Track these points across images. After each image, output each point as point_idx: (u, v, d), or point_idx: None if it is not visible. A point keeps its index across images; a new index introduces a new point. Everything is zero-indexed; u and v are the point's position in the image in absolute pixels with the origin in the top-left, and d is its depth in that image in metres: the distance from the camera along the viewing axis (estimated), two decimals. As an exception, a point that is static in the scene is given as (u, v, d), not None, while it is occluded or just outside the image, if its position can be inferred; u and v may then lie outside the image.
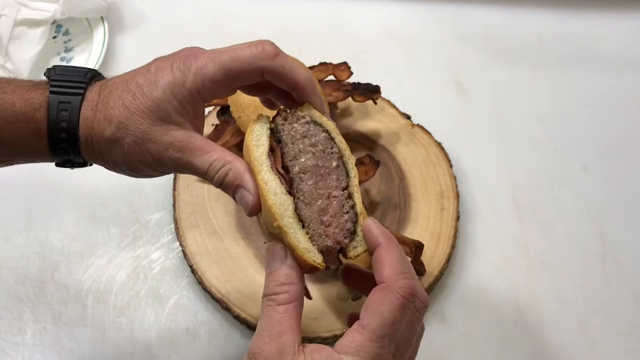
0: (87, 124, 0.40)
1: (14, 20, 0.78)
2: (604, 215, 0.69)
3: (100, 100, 0.40)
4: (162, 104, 0.39)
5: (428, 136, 0.71)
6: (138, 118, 0.39)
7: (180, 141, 0.39)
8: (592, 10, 0.89)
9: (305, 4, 0.88)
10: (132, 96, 0.39)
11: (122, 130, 0.39)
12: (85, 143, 0.40)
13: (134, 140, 0.39)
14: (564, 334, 0.61)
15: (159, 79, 0.40)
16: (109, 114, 0.39)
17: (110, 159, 0.41)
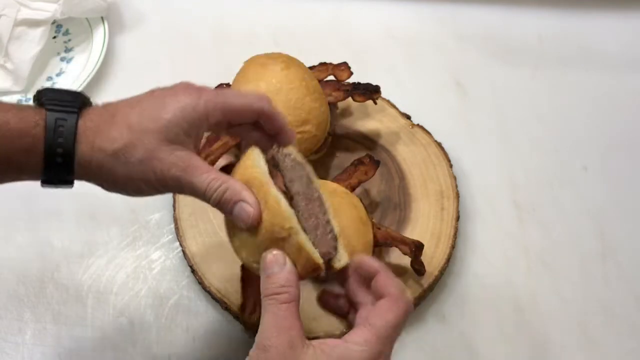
0: (88, 141, 0.41)
1: (14, 20, 0.78)
2: (604, 215, 0.69)
3: (103, 120, 0.42)
4: (171, 126, 0.41)
5: (428, 136, 0.71)
6: (146, 137, 0.41)
7: (184, 161, 0.42)
8: (592, 10, 0.89)
9: (305, 4, 0.89)
10: (139, 116, 0.41)
11: (129, 148, 0.41)
12: (82, 160, 0.41)
13: (139, 159, 0.41)
14: (564, 334, 0.61)
15: (168, 102, 0.42)
16: (114, 133, 0.41)
17: (110, 176, 0.42)
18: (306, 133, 0.63)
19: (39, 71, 0.80)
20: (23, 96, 0.78)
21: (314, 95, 0.64)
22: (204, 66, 0.82)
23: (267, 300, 0.41)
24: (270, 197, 0.42)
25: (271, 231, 0.42)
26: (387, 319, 0.40)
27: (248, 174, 0.44)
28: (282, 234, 0.42)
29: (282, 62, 0.65)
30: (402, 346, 0.60)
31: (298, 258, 0.42)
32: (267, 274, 0.41)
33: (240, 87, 0.64)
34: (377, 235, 0.58)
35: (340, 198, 0.57)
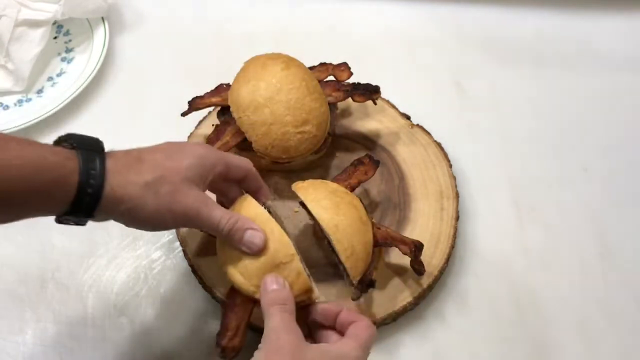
0: (119, 176, 0.46)
1: (15, 20, 0.78)
2: (604, 215, 0.69)
3: (131, 160, 0.47)
4: (191, 167, 0.49)
5: (428, 136, 0.71)
6: (171, 174, 0.48)
7: (202, 197, 0.50)
8: (592, 10, 0.89)
9: (306, 4, 0.89)
10: (165, 158, 0.49)
11: (159, 180, 0.47)
12: (111, 194, 0.45)
13: (167, 191, 0.47)
14: (564, 334, 0.61)
15: (187, 150, 0.51)
16: (145, 169, 0.47)
17: (138, 209, 0.46)
18: (306, 133, 0.63)
19: (40, 71, 0.80)
20: (24, 96, 0.78)
21: (314, 95, 0.64)
22: (204, 66, 0.82)
23: (273, 308, 0.47)
24: (276, 228, 0.51)
25: (274, 257, 0.50)
26: (368, 333, 0.47)
27: (252, 212, 0.53)
28: (286, 260, 0.50)
29: (282, 62, 0.65)
30: (402, 346, 0.60)
31: (296, 281, 0.50)
32: (272, 289, 0.49)
33: (241, 87, 0.64)
34: (376, 235, 0.58)
35: (340, 198, 0.57)
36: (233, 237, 0.50)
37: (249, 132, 0.64)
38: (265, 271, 0.50)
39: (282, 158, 0.65)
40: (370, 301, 0.59)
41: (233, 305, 0.53)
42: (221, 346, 0.51)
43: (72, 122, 0.77)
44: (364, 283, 0.56)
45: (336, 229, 0.54)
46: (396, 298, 0.60)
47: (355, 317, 0.49)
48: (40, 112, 0.75)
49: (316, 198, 0.56)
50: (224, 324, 0.52)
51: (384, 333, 0.60)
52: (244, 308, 0.52)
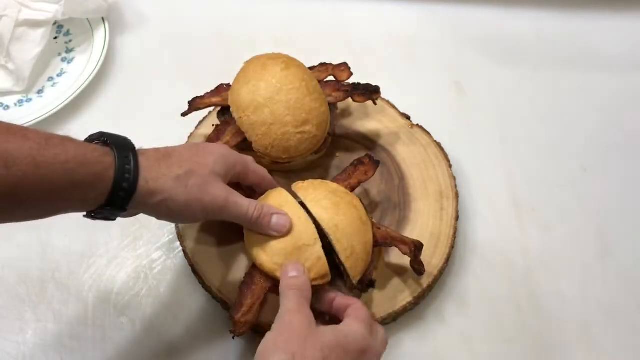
0: (152, 170, 0.49)
1: (16, 20, 0.78)
2: (604, 215, 0.69)
3: (160, 157, 0.50)
4: (217, 164, 0.53)
5: (427, 136, 0.71)
6: (200, 168, 0.51)
7: (228, 189, 0.53)
8: (592, 10, 0.89)
9: (306, 4, 0.89)
10: (192, 155, 0.52)
11: (189, 174, 0.50)
12: (144, 188, 0.48)
13: (197, 184, 0.50)
14: (564, 334, 0.61)
15: (211, 149, 0.55)
16: (175, 164, 0.50)
17: (170, 201, 0.49)
18: (306, 133, 0.64)
19: (40, 72, 0.80)
20: (24, 96, 0.78)
21: (314, 95, 0.64)
22: (204, 66, 0.82)
23: (290, 292, 0.50)
24: (302, 215, 0.55)
25: (298, 239, 0.54)
26: (365, 312, 0.50)
27: (283, 199, 0.56)
28: (309, 243, 0.54)
29: (282, 62, 0.65)
30: (402, 346, 0.60)
31: (315, 265, 0.53)
32: (291, 275, 0.51)
33: (241, 87, 0.64)
34: (376, 235, 0.58)
35: (340, 198, 0.57)
36: (261, 223, 0.53)
37: (249, 132, 0.64)
38: (289, 251, 0.54)
39: (282, 158, 0.65)
40: (370, 301, 0.59)
41: (251, 283, 0.55)
42: (234, 319, 0.53)
43: (72, 122, 0.77)
44: (364, 283, 0.56)
45: (336, 229, 0.54)
46: (396, 298, 0.60)
47: (350, 301, 0.52)
48: (41, 112, 0.75)
49: (316, 198, 0.56)
50: (240, 299, 0.54)
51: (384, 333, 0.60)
52: (261, 287, 0.55)
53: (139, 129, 0.76)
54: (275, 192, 0.58)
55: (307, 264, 0.53)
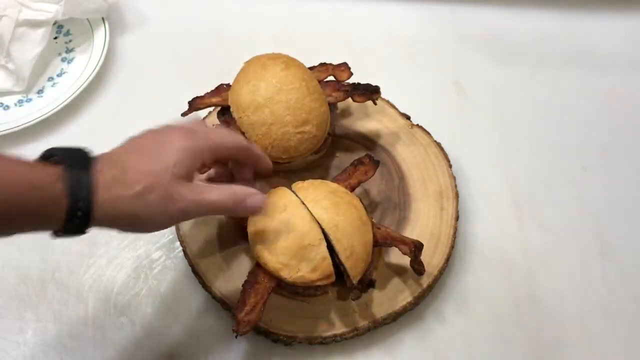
0: (107, 192, 0.45)
1: (16, 20, 0.78)
2: (604, 215, 0.69)
3: (116, 172, 0.46)
4: (178, 165, 0.48)
5: (427, 136, 0.71)
6: (159, 177, 0.47)
7: (195, 187, 0.49)
8: (592, 10, 0.89)
9: (306, 4, 0.89)
10: (149, 162, 0.47)
11: (149, 189, 0.46)
12: (101, 210, 0.45)
13: (159, 196, 0.47)
14: (564, 334, 0.61)
15: (169, 147, 0.49)
16: (132, 180, 0.46)
17: (131, 218, 0.46)
18: (306, 133, 0.64)
19: (40, 72, 0.80)
20: (24, 96, 0.79)
21: (314, 95, 0.64)
22: (204, 66, 0.82)
23: None
24: (306, 214, 0.55)
25: (303, 239, 0.53)
26: None
27: (286, 199, 0.56)
28: (314, 243, 0.53)
29: (282, 62, 0.65)
30: (402, 346, 0.60)
31: (320, 265, 0.53)
32: None
33: (241, 87, 0.64)
34: (376, 235, 0.58)
35: (340, 198, 0.57)
36: (238, 208, 0.51)
37: (249, 132, 0.64)
38: (293, 251, 0.53)
39: (282, 158, 0.65)
40: (370, 301, 0.59)
41: (254, 282, 0.55)
42: (237, 319, 0.53)
43: (72, 122, 0.77)
44: (364, 283, 0.56)
45: (336, 229, 0.54)
46: (396, 298, 0.60)
47: None
48: (41, 112, 0.75)
49: (316, 198, 0.56)
50: (243, 298, 0.54)
51: (384, 333, 0.60)
52: (264, 286, 0.55)
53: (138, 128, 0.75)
54: (279, 192, 0.58)
55: (312, 264, 0.53)
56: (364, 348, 0.59)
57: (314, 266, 0.53)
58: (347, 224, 0.55)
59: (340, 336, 0.58)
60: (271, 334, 0.58)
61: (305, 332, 0.58)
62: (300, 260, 0.54)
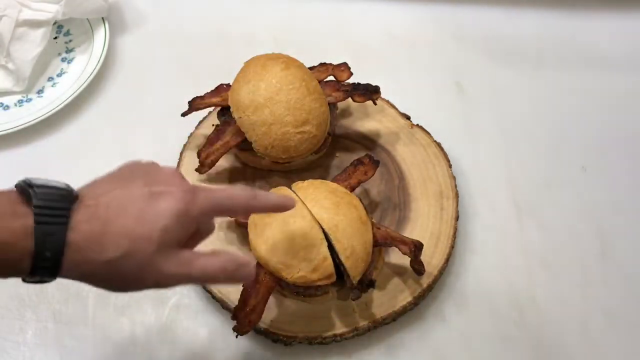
0: (78, 250, 0.40)
1: (16, 20, 0.78)
2: (604, 215, 0.69)
3: (94, 230, 0.40)
4: (168, 231, 0.42)
5: (427, 136, 0.71)
6: (143, 244, 0.41)
7: (180, 259, 0.43)
8: (592, 10, 0.89)
9: (305, 4, 0.89)
10: (135, 223, 0.41)
11: (126, 257, 0.40)
12: (70, 266, 0.40)
13: (137, 265, 0.41)
14: (564, 334, 0.61)
15: (162, 207, 0.42)
16: (109, 244, 0.40)
17: (101, 282, 0.42)
18: (306, 133, 0.64)
19: (40, 72, 0.80)
20: (24, 96, 0.79)
21: (314, 95, 0.64)
22: (204, 66, 0.82)
23: None
24: (307, 214, 0.55)
25: (304, 239, 0.53)
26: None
27: None
28: (315, 243, 0.53)
29: (282, 62, 0.65)
30: (401, 346, 0.60)
31: (321, 265, 0.53)
32: None
33: (241, 87, 0.64)
34: (376, 235, 0.58)
35: (339, 198, 0.57)
36: (227, 282, 0.46)
37: (249, 132, 0.64)
38: (294, 251, 0.53)
39: (282, 158, 0.65)
40: (370, 301, 0.59)
41: (255, 282, 0.55)
42: (237, 319, 0.53)
43: (72, 122, 0.77)
44: (364, 283, 0.56)
45: (336, 229, 0.54)
46: (396, 298, 0.60)
47: None
48: (41, 112, 0.75)
49: (316, 198, 0.56)
50: (243, 298, 0.54)
51: (384, 333, 0.60)
52: (265, 286, 0.55)
53: (138, 128, 0.76)
54: (279, 192, 0.58)
55: (312, 263, 0.53)
56: (364, 348, 0.59)
57: (314, 266, 0.53)
58: (347, 224, 0.55)
59: (340, 336, 0.58)
60: (271, 334, 0.58)
61: (305, 332, 0.58)
62: (300, 260, 0.54)
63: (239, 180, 0.69)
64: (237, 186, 0.49)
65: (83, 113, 0.78)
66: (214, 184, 0.68)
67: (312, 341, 0.58)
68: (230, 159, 0.70)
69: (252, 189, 0.48)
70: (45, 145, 0.75)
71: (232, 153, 0.70)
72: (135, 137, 0.75)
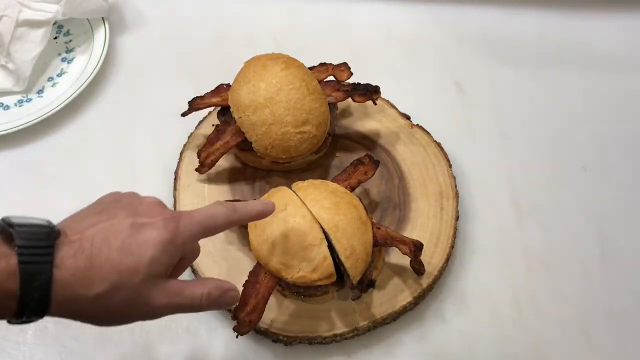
0: (65, 287, 0.40)
1: (16, 20, 0.78)
2: (604, 215, 0.69)
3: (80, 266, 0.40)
4: (154, 262, 0.42)
5: (427, 136, 0.71)
6: (130, 277, 0.41)
7: (167, 289, 0.43)
8: (592, 10, 0.89)
9: (305, 4, 0.89)
10: (120, 255, 0.41)
11: (113, 290, 0.40)
12: (58, 304, 0.40)
13: (124, 299, 0.41)
14: (564, 334, 0.61)
15: (147, 237, 0.42)
16: (96, 278, 0.40)
17: (89, 318, 0.42)
18: (306, 133, 0.64)
19: (40, 72, 0.80)
20: (24, 96, 0.79)
21: (314, 95, 0.64)
22: (204, 66, 0.82)
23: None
24: (307, 214, 0.55)
25: (304, 239, 0.53)
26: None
27: (287, 198, 0.56)
28: (315, 242, 0.53)
29: (282, 62, 0.65)
30: (401, 346, 0.60)
31: (321, 264, 0.54)
32: None
33: (241, 87, 0.64)
34: (376, 235, 0.58)
35: (340, 198, 0.57)
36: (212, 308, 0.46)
37: (249, 132, 0.64)
38: (294, 250, 0.53)
39: (282, 158, 0.65)
40: (370, 301, 0.59)
41: (255, 282, 0.55)
42: (238, 319, 0.53)
43: (72, 122, 0.77)
44: (364, 283, 0.56)
45: (336, 229, 0.54)
46: (396, 298, 0.60)
47: None
48: (41, 112, 0.75)
49: (316, 198, 0.56)
50: (244, 298, 0.54)
51: (384, 333, 0.60)
52: (265, 286, 0.55)
53: (138, 128, 0.76)
54: (279, 192, 0.58)
55: (312, 263, 0.53)
56: (364, 348, 0.59)
57: (314, 266, 0.53)
58: (347, 224, 0.55)
59: (340, 336, 0.58)
60: (271, 334, 0.58)
61: (305, 332, 0.58)
62: (301, 260, 0.54)
63: (239, 180, 0.69)
64: (214, 203, 0.48)
65: (83, 113, 0.78)
66: (214, 184, 0.68)
67: (312, 341, 0.58)
68: (230, 159, 0.70)
69: (230, 203, 0.48)
70: (45, 145, 0.75)
71: (232, 153, 0.70)
72: (135, 137, 0.75)
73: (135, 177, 0.72)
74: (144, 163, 0.73)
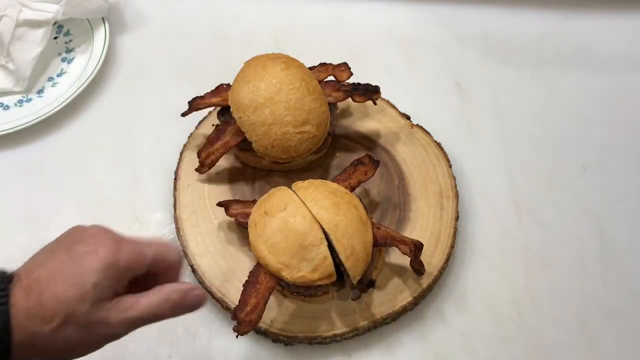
0: (22, 327, 0.41)
1: (16, 20, 0.78)
2: (604, 215, 0.69)
3: (32, 302, 0.42)
4: (98, 287, 0.43)
5: (427, 136, 0.71)
6: (77, 305, 0.42)
7: (120, 306, 0.44)
8: (592, 10, 0.89)
9: (305, 4, 0.89)
10: (65, 285, 0.42)
11: (65, 323, 0.42)
12: (20, 345, 0.41)
13: (78, 327, 0.42)
14: (564, 334, 0.61)
15: (89, 263, 0.43)
16: (47, 313, 0.41)
17: (51, 352, 0.43)
18: (306, 133, 0.64)
19: (40, 72, 0.80)
20: (24, 96, 0.79)
21: (314, 95, 0.64)
22: (204, 66, 0.82)
23: None
24: (307, 214, 0.55)
25: (304, 239, 0.53)
26: None
27: (287, 198, 0.56)
28: (315, 242, 0.53)
29: (282, 62, 0.65)
30: (402, 346, 0.60)
31: (321, 264, 0.53)
32: None
33: (241, 87, 0.64)
34: (376, 235, 0.58)
35: (340, 198, 0.57)
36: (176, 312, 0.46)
37: (249, 132, 0.64)
38: (294, 251, 0.53)
39: (282, 158, 0.65)
40: (370, 301, 0.59)
41: (255, 282, 0.55)
42: (238, 319, 0.53)
43: (72, 122, 0.77)
44: (363, 283, 0.56)
45: (336, 229, 0.54)
46: (396, 298, 0.60)
47: None
48: (41, 112, 0.75)
49: (316, 198, 0.56)
50: (244, 298, 0.54)
51: (384, 333, 0.60)
52: (265, 286, 0.55)
53: (138, 128, 0.76)
54: (279, 192, 0.58)
55: (312, 263, 0.53)
56: (364, 348, 0.60)
57: (314, 266, 0.53)
58: (347, 224, 0.55)
59: (340, 336, 0.58)
60: (271, 334, 0.58)
61: (305, 332, 0.58)
62: (301, 260, 0.54)
63: (239, 180, 0.69)
64: None
65: (83, 113, 0.78)
66: (214, 184, 0.68)
67: (312, 341, 0.58)
68: (230, 159, 0.70)
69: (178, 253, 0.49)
70: (45, 145, 0.75)
71: (232, 153, 0.70)
72: (135, 137, 0.76)
73: (135, 177, 0.72)
74: (144, 163, 0.73)
